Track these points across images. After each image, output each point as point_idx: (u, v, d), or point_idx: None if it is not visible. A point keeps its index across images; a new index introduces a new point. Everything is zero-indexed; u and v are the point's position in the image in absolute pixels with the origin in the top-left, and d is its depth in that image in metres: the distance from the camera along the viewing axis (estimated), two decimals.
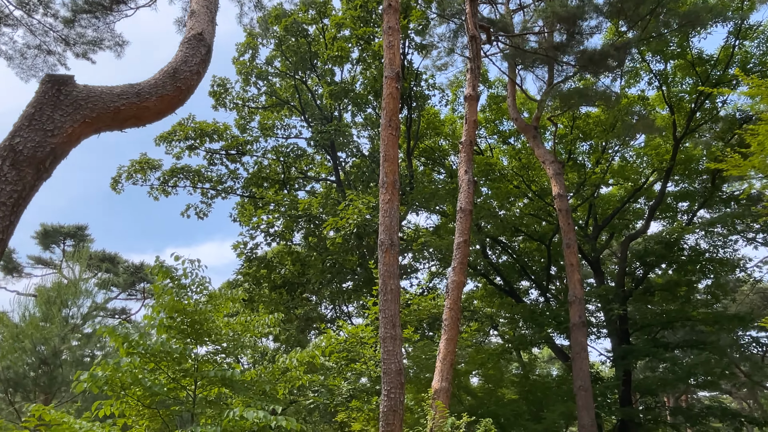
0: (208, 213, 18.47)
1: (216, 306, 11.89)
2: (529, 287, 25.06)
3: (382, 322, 7.13)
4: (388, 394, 6.88)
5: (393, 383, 6.91)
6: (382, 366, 7.01)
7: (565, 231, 15.52)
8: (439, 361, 9.60)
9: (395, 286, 7.21)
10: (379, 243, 7.39)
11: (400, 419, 6.83)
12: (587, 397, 13.79)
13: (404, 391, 6.96)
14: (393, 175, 7.60)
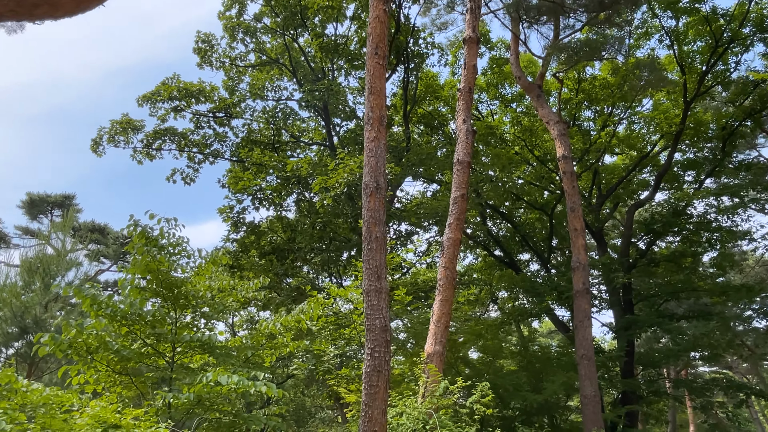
0: (195, 178, 17.55)
1: (197, 269, 11.10)
2: (530, 259, 24.28)
3: (365, 274, 6.28)
4: (372, 353, 6.06)
5: (377, 341, 6.08)
6: (365, 322, 6.18)
7: (570, 194, 14.62)
8: (432, 323, 8.80)
9: (381, 234, 6.33)
10: (363, 186, 6.49)
11: (385, 381, 6.02)
12: (590, 367, 13.07)
13: (390, 351, 6.14)
14: (380, 110, 6.66)
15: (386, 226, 6.44)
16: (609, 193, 21.89)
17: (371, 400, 5.96)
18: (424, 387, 7.77)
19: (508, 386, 14.84)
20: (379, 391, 5.98)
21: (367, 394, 5.99)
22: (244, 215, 14.79)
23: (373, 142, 6.56)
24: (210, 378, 7.73)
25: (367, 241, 6.34)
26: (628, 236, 18.95)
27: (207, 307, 10.82)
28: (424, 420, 6.90)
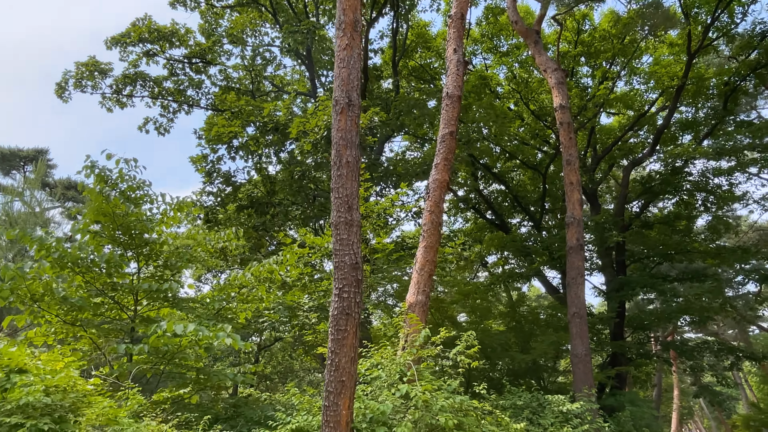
0: (170, 129, 16.37)
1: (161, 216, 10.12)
2: (522, 221, 23.50)
3: (334, 205, 5.35)
4: (340, 293, 5.18)
5: (346, 279, 5.20)
6: (333, 258, 5.29)
7: (566, 146, 13.68)
8: (415, 271, 7.95)
9: (353, 159, 5.37)
10: (333, 102, 5.49)
11: (354, 325, 5.16)
12: (582, 325, 12.39)
13: (361, 291, 5.27)
14: (353, 13, 5.60)
15: (359, 150, 5.47)
16: (605, 153, 21.00)
17: (338, 347, 5.12)
18: (405, 338, 6.97)
19: (495, 345, 14.21)
20: (347, 336, 5.13)
21: (334, 339, 5.14)
22: (220, 165, 13.74)
23: (345, 50, 5.53)
24: (164, 327, 6.87)
25: (337, 167, 5.39)
26: (623, 195, 18.14)
27: (175, 258, 9.93)
28: (401, 372, 6.10)
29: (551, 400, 9.51)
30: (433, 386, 5.61)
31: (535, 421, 9.09)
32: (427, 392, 5.43)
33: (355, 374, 5.19)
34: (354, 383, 5.18)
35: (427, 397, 5.35)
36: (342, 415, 5.06)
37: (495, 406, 7.38)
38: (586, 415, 9.36)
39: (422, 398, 5.27)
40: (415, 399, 5.28)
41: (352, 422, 5.17)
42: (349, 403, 5.12)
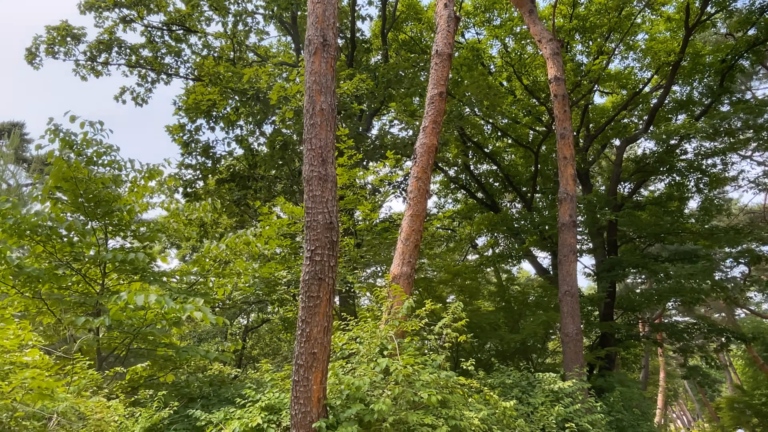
0: (148, 99, 15.53)
1: (131, 184, 9.46)
2: (513, 201, 23.03)
3: (306, 158, 4.74)
4: (312, 256, 4.61)
5: (319, 241, 4.62)
6: (305, 218, 4.70)
7: (560, 119, 13.12)
8: (400, 241, 7.40)
9: (328, 105, 4.75)
10: (306, 42, 4.85)
11: (328, 292, 4.60)
12: (573, 303, 11.95)
13: (336, 254, 4.69)
14: None
15: (336, 97, 4.84)
16: (597, 133, 20.49)
17: (310, 316, 4.56)
18: (388, 311, 6.43)
19: (484, 325, 13.79)
20: (320, 303, 4.57)
21: (305, 307, 4.57)
22: (198, 136, 13.00)
23: None
24: (125, 298, 6.27)
25: (310, 114, 4.77)
26: (616, 174, 17.68)
27: (144, 228, 9.28)
28: (382, 346, 5.57)
29: (541, 378, 9.09)
30: (416, 360, 5.09)
31: (524, 400, 8.67)
32: (409, 367, 4.90)
33: (329, 346, 4.65)
34: (327, 356, 4.64)
35: (409, 372, 4.82)
36: (313, 390, 4.52)
37: (483, 385, 6.91)
38: (577, 394, 8.96)
39: (403, 372, 4.75)
40: (395, 374, 4.76)
41: (325, 399, 4.64)
42: (322, 377, 4.58)
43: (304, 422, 4.50)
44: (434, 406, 5.40)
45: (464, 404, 6.71)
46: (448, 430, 5.00)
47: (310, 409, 4.51)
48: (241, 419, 5.17)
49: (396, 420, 4.68)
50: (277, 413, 5.34)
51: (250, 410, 5.39)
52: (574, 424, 7.70)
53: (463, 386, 6.15)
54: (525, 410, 8.22)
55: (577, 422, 7.92)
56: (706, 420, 43.15)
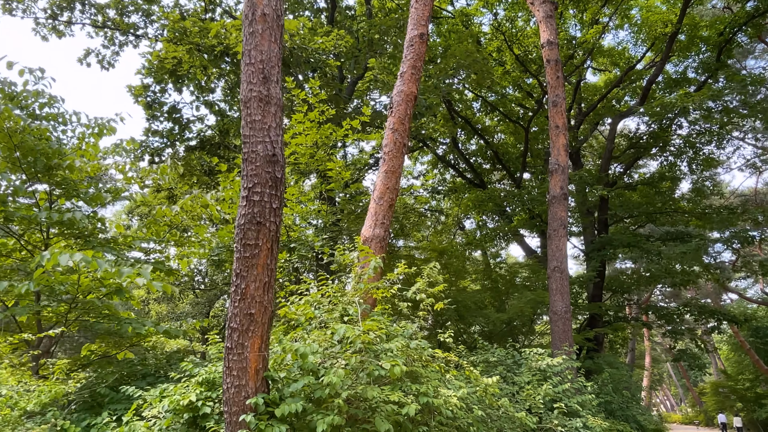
0: (115, 63, 14.37)
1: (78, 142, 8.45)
2: (501, 180, 22.21)
3: (244, 74, 3.81)
4: (250, 195, 3.70)
5: (259, 177, 3.71)
6: (242, 149, 3.79)
7: (553, 86, 12.24)
8: (373, 200, 6.50)
9: (272, 10, 3.82)
10: None
11: (269, 239, 3.70)
12: (562, 280, 11.18)
13: (282, 195, 3.79)
14: None
15: (283, 1, 3.90)
16: (590, 110, 19.65)
17: (246, 268, 3.66)
18: (356, 276, 5.56)
19: (470, 304, 13.01)
20: (259, 254, 3.67)
21: (241, 258, 3.67)
22: (163, 98, 11.90)
23: None
24: (48, 257, 5.32)
25: (249, 21, 3.82)
26: (609, 149, 16.88)
27: (92, 189, 8.29)
28: (343, 311, 4.70)
29: (528, 356, 8.31)
30: (380, 326, 4.22)
31: (509, 379, 7.90)
32: (372, 333, 4.03)
33: (270, 306, 3.76)
34: (269, 318, 3.75)
35: (370, 339, 3.96)
36: (250, 360, 3.64)
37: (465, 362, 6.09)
38: (566, 373, 8.22)
39: (362, 339, 3.88)
40: (353, 339, 3.89)
41: (265, 370, 3.76)
42: (261, 344, 3.70)
43: (238, 398, 3.62)
44: (399, 379, 4.56)
45: (441, 380, 5.89)
46: (418, 408, 4.17)
47: (246, 382, 3.63)
48: (170, 396, 4.28)
49: (352, 396, 3.82)
50: (217, 389, 4.47)
51: (185, 386, 4.51)
52: (563, 405, 6.94)
53: (439, 360, 5.32)
54: (510, 390, 7.45)
55: (566, 403, 7.15)
56: (689, 404, 43.20)
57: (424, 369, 5.02)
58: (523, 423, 6.17)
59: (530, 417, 6.26)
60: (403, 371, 3.78)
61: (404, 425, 4.26)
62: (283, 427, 3.50)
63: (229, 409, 3.65)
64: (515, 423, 6.38)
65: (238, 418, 3.57)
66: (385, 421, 3.88)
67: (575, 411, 7.30)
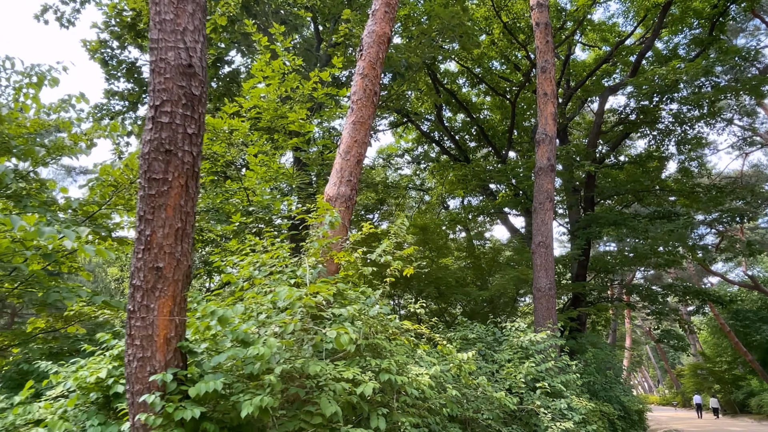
0: (75, 21, 13.19)
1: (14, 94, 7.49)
2: (486, 156, 21.47)
3: None
4: (157, 116, 2.86)
5: (169, 92, 2.88)
6: (149, 56, 2.93)
7: (542, 51, 11.45)
8: (339, 155, 5.69)
9: None
10: None
11: (184, 174, 2.88)
12: (547, 256, 10.55)
13: (201, 118, 2.96)
14: None
15: None
16: (578, 86, 18.92)
17: (152, 209, 2.84)
18: (310, 238, 4.76)
19: (450, 280, 12.34)
20: (168, 191, 2.85)
21: (145, 197, 2.85)
22: (123, 54, 10.83)
23: None
24: None
25: None
26: (598, 124, 16.19)
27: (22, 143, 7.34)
28: (291, 275, 3.92)
29: (509, 333, 7.65)
30: (330, 290, 3.45)
31: (489, 357, 7.25)
32: (320, 296, 3.26)
33: (187, 260, 2.95)
34: (184, 274, 2.95)
35: (316, 302, 3.19)
36: (157, 325, 2.84)
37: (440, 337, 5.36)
38: (550, 351, 7.59)
39: (305, 302, 3.11)
40: (292, 303, 3.12)
41: (180, 338, 2.97)
42: (173, 306, 2.90)
43: (142, 373, 2.84)
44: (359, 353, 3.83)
45: (410, 356, 5.17)
46: (376, 387, 3.44)
47: (152, 353, 2.85)
48: (75, 373, 3.49)
49: (290, 371, 3.06)
50: None
51: (97, 360, 3.72)
52: (546, 384, 6.29)
53: (407, 332, 4.59)
54: (490, 368, 6.80)
55: (549, 382, 6.51)
56: (667, 386, 43.63)
57: (389, 342, 4.29)
58: (502, 404, 5.51)
59: (510, 397, 5.60)
60: (353, 340, 3.01)
61: (359, 407, 3.52)
62: (198, 411, 2.73)
63: (131, 388, 2.87)
64: (494, 404, 5.73)
65: (141, 399, 2.80)
66: (333, 402, 3.14)
67: (559, 391, 6.67)
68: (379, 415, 3.59)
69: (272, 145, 7.07)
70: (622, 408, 11.39)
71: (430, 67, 16.69)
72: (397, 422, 3.76)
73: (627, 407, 11.84)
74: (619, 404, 11.23)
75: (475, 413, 5.61)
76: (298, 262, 4.27)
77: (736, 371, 26.93)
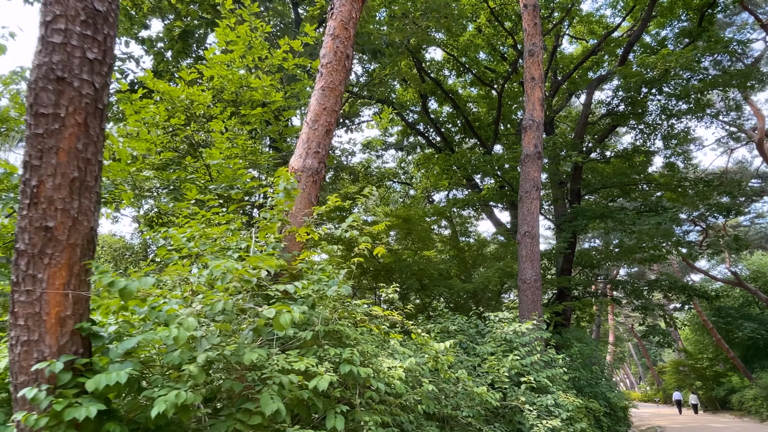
0: None
1: None
2: (473, 148, 21.00)
3: None
4: (47, 34, 2.24)
5: (63, 5, 2.26)
6: None
7: (530, 34, 10.96)
8: (306, 124, 5.10)
9: None
10: None
11: (82, 110, 2.27)
12: (533, 246, 10.06)
13: (109, 42, 2.34)
14: None
15: None
16: (566, 78, 18.53)
17: (39, 153, 2.25)
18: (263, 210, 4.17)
19: (432, 272, 11.81)
20: (61, 131, 2.26)
21: (32, 138, 2.25)
22: None
23: None
24: None
25: None
26: (585, 115, 15.79)
27: None
28: (235, 248, 3.32)
29: (492, 324, 7.14)
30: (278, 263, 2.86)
31: (471, 350, 6.72)
32: (261, 270, 2.68)
33: (90, 220, 2.35)
34: (84, 239, 2.34)
35: (252, 275, 2.60)
36: (48, 302, 2.23)
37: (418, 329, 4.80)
38: (535, 344, 7.10)
39: (240, 275, 2.53)
40: (220, 275, 2.53)
41: (80, 319, 2.36)
42: (69, 277, 2.29)
43: (27, 362, 2.23)
44: (316, 341, 3.26)
45: (382, 347, 4.61)
46: (333, 380, 2.87)
47: (41, 336, 2.24)
48: None
49: (218, 360, 2.47)
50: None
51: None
52: (532, 379, 5.79)
53: (376, 319, 4.02)
54: (472, 362, 6.28)
55: (535, 377, 6.01)
56: (648, 383, 43.80)
57: (355, 330, 3.73)
58: (484, 400, 4.98)
59: (493, 393, 5.07)
60: (294, 321, 2.43)
61: (313, 404, 2.95)
62: (94, 408, 2.13)
63: (14, 380, 2.26)
64: (475, 400, 5.20)
65: (20, 394, 2.19)
66: (277, 398, 2.56)
67: (545, 386, 6.17)
68: (337, 413, 3.02)
69: (238, 120, 6.44)
70: (607, 404, 10.99)
71: (415, 55, 16.15)
72: (360, 421, 3.19)
73: (613, 404, 11.46)
74: (604, 400, 10.83)
75: (454, 410, 5.07)
76: (249, 235, 3.68)
77: (717, 368, 26.91)
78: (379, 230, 4.07)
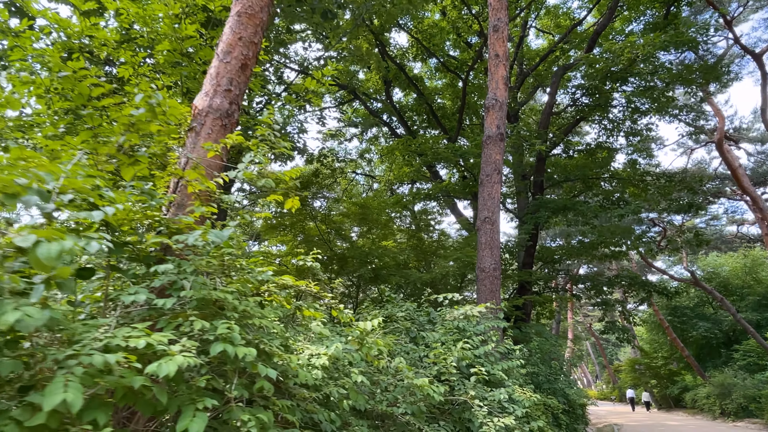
0: None
1: None
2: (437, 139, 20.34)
3: None
4: None
5: None
6: None
7: (495, 8, 10.28)
8: (216, 56, 4.14)
9: None
10: None
11: None
12: (493, 233, 9.36)
13: None
14: None
15: None
16: (532, 70, 18.08)
17: None
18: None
19: (389, 261, 11.00)
20: None
21: None
22: None
23: None
24: None
25: None
26: (550, 105, 15.31)
27: None
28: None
29: (444, 312, 6.35)
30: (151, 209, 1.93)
31: (420, 339, 5.91)
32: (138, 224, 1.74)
33: None
34: None
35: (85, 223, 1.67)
36: None
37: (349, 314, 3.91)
38: (491, 334, 6.36)
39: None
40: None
41: None
42: None
43: None
44: (185, 316, 2.33)
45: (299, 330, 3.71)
46: (189, 363, 1.97)
47: None
48: None
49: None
50: None
51: None
52: (485, 371, 5.01)
53: (284, 289, 3.12)
54: (418, 352, 5.46)
55: (488, 369, 5.24)
56: (605, 381, 44.41)
57: (248, 302, 2.81)
58: (426, 394, 4.15)
59: (437, 386, 4.25)
60: (63, 251, 1.50)
61: (153, 396, 2.02)
62: None
63: None
64: (416, 395, 4.37)
65: None
66: (74, 387, 1.63)
67: (500, 380, 5.41)
68: (198, 409, 2.10)
69: (151, 68, 5.41)
70: (566, 401, 10.43)
71: (378, 37, 15.34)
72: (236, 420, 2.28)
73: (572, 401, 10.91)
74: (563, 397, 10.25)
75: (390, 406, 4.23)
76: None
77: (671, 367, 27.21)
78: (292, 177, 3.15)
